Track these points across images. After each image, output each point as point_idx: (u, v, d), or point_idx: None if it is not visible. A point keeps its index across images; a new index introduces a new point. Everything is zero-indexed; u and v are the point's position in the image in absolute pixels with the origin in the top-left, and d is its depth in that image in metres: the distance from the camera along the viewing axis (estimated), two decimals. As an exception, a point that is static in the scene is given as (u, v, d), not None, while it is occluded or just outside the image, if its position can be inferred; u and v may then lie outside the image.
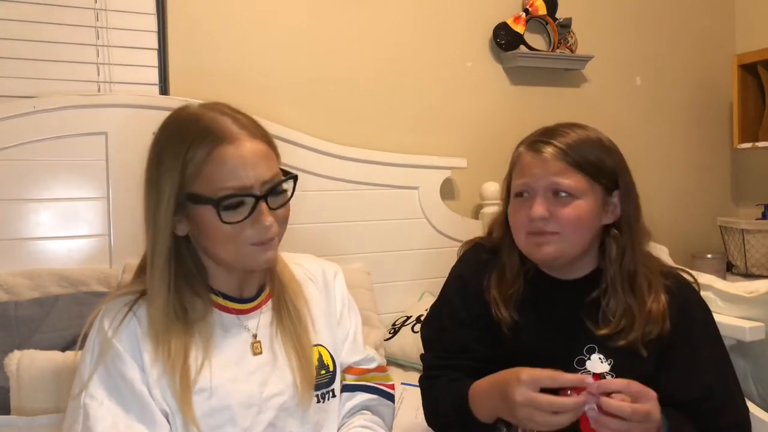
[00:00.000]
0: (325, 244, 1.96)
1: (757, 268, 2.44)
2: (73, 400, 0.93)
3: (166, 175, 0.92)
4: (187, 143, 0.92)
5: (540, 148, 1.08)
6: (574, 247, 1.08)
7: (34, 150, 1.64)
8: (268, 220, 0.94)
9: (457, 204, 2.23)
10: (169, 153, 0.93)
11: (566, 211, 1.06)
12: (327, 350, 1.08)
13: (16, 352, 1.37)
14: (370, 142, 2.09)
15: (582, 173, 1.06)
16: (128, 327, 0.93)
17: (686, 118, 2.69)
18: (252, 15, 1.98)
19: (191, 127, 0.94)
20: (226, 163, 0.92)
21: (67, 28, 1.77)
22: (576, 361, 1.08)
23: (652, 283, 1.10)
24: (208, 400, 0.93)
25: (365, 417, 1.11)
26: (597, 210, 1.08)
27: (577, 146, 1.07)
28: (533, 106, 2.35)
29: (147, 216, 0.95)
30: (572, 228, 1.06)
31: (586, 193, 1.07)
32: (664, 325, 1.07)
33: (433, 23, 2.22)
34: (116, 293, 0.99)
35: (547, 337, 1.10)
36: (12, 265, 1.59)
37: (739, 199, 2.78)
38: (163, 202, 0.92)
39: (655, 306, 1.07)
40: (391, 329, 1.94)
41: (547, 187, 1.07)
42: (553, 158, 1.06)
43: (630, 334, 1.06)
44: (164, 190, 0.92)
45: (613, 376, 1.05)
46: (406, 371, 1.81)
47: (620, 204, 1.10)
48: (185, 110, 0.99)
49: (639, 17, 2.58)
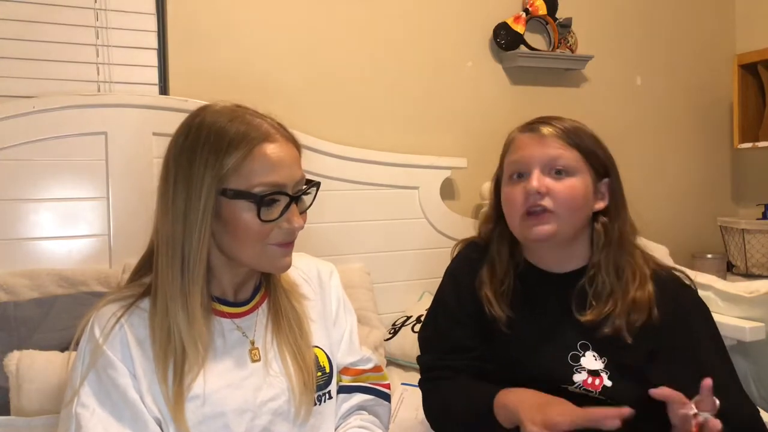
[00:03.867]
0: (325, 244, 1.96)
1: (757, 268, 2.44)
2: (65, 408, 0.92)
3: (201, 172, 0.91)
4: (227, 140, 0.92)
5: (537, 128, 1.11)
6: (568, 227, 1.09)
7: (33, 150, 1.64)
8: (297, 222, 0.96)
9: (457, 204, 2.23)
10: (204, 149, 0.92)
11: (562, 188, 1.07)
12: (323, 351, 1.08)
13: (16, 352, 1.37)
14: (370, 142, 2.09)
15: (578, 152, 1.09)
16: (119, 334, 0.92)
17: (686, 118, 2.68)
18: (252, 15, 1.97)
19: (232, 126, 0.93)
20: (266, 160, 0.92)
21: (66, 27, 1.77)
22: (570, 356, 1.08)
23: (636, 272, 1.10)
24: (202, 407, 0.92)
25: (362, 417, 1.10)
26: (589, 192, 1.10)
27: (575, 130, 1.11)
28: (533, 106, 2.35)
29: (174, 215, 0.92)
30: (567, 205, 1.07)
31: (581, 171, 1.09)
32: (651, 313, 1.07)
33: (433, 23, 2.22)
34: (107, 299, 0.97)
35: (541, 333, 1.11)
36: (12, 265, 1.59)
37: (740, 199, 2.78)
38: (200, 201, 0.90)
39: (640, 294, 1.08)
40: (391, 329, 1.94)
41: (546, 162, 1.08)
42: (551, 136, 1.09)
43: (615, 320, 1.06)
44: (200, 187, 0.91)
45: (608, 374, 1.05)
46: (406, 371, 1.81)
47: (608, 193, 1.13)
48: (217, 108, 0.97)
49: (639, 17, 2.58)
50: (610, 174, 1.13)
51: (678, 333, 1.08)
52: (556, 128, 1.10)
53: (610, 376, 1.05)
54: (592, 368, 1.06)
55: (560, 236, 1.09)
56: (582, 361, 1.07)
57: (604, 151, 1.14)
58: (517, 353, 1.11)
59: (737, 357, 1.70)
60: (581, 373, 1.06)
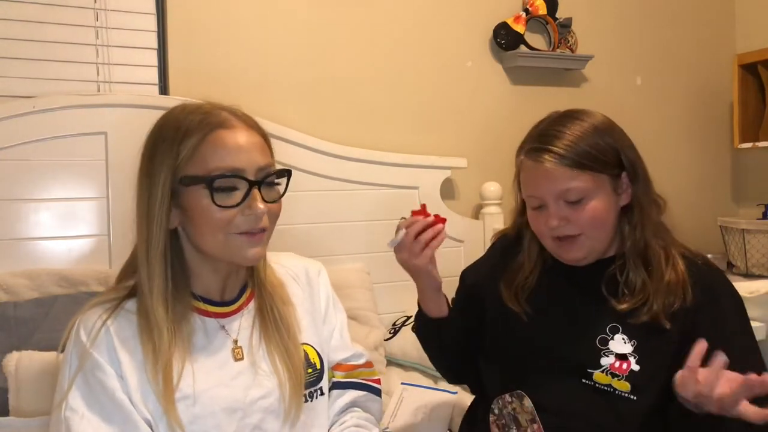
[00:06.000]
0: (325, 244, 1.96)
1: (757, 269, 2.43)
2: (54, 412, 0.91)
3: (159, 165, 0.92)
4: (182, 130, 0.92)
5: (538, 157, 1.07)
6: (601, 243, 1.10)
7: (33, 150, 1.64)
8: (260, 208, 0.92)
9: (457, 204, 2.23)
10: (163, 143, 0.93)
11: (582, 215, 1.07)
12: (313, 348, 1.07)
13: (15, 352, 1.37)
14: (370, 142, 2.09)
15: (585, 171, 1.06)
16: (105, 337, 0.92)
17: (686, 117, 2.68)
18: (252, 15, 1.97)
19: (188, 117, 0.94)
20: (220, 145, 0.92)
21: (66, 27, 1.77)
22: (599, 340, 1.08)
23: (668, 254, 1.10)
24: (192, 407, 0.92)
25: (357, 415, 1.11)
26: (611, 201, 1.09)
27: (574, 144, 1.06)
28: (533, 106, 2.34)
29: (140, 211, 0.95)
30: (592, 227, 1.08)
31: (596, 190, 1.07)
32: (686, 294, 1.06)
33: (433, 23, 2.22)
34: (92, 303, 0.97)
35: (569, 319, 1.12)
36: (11, 265, 1.58)
37: (740, 199, 2.78)
38: (157, 193, 0.92)
39: (673, 276, 1.08)
40: (391, 329, 1.94)
41: (557, 196, 1.07)
42: (553, 166, 1.06)
43: (652, 306, 1.06)
44: (158, 180, 0.92)
45: (636, 357, 1.05)
46: (406, 371, 1.81)
47: (630, 183, 1.11)
48: (180, 105, 0.99)
49: (639, 17, 2.58)
50: (625, 162, 1.10)
51: (708, 315, 1.07)
52: (557, 154, 1.06)
53: (638, 360, 1.05)
54: (620, 352, 1.06)
55: (594, 252, 1.11)
56: (610, 344, 1.07)
57: (611, 140, 1.09)
58: (542, 341, 1.13)
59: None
60: (609, 357, 1.06)
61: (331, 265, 1.96)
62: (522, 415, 1.12)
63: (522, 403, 1.12)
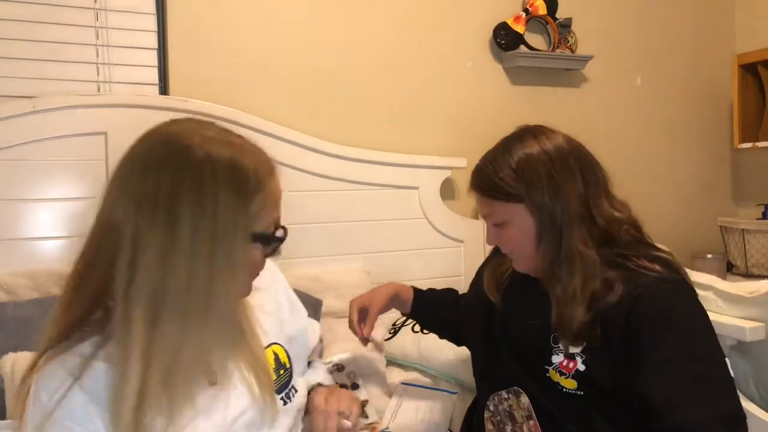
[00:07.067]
0: (324, 243, 1.96)
1: (757, 268, 2.43)
2: None
3: (229, 219, 0.81)
4: (252, 182, 0.83)
5: (471, 179, 1.18)
6: (535, 260, 1.13)
7: (33, 150, 1.64)
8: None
9: (457, 204, 2.23)
10: (226, 192, 0.81)
11: (504, 237, 1.14)
12: (281, 347, 1.03)
13: (11, 354, 1.36)
14: (370, 142, 2.09)
15: (502, 200, 1.11)
16: (75, 397, 0.79)
17: (686, 118, 2.68)
18: (252, 15, 1.97)
19: (243, 161, 0.83)
20: (278, 196, 0.87)
21: (67, 28, 1.77)
22: (552, 338, 1.11)
23: (589, 272, 1.07)
24: None
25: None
26: (531, 224, 1.10)
27: (489, 175, 1.12)
28: (533, 106, 2.35)
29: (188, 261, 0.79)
30: (517, 248, 1.15)
31: (512, 216, 1.12)
32: (616, 316, 1.03)
33: (433, 23, 2.22)
34: (49, 357, 0.83)
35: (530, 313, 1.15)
36: (12, 265, 1.59)
37: (740, 199, 2.78)
38: (232, 249, 0.81)
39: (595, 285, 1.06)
40: (391, 329, 1.93)
41: (485, 218, 1.17)
42: (477, 196, 1.16)
43: (572, 325, 1.06)
44: (229, 235, 0.81)
45: (583, 358, 1.06)
46: (406, 371, 1.81)
47: (535, 216, 1.10)
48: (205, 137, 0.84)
49: (639, 17, 2.58)
50: (530, 196, 1.09)
51: (638, 340, 1.02)
52: (474, 181, 1.16)
53: (584, 361, 1.06)
54: (569, 351, 1.08)
55: (536, 267, 1.14)
56: (561, 343, 1.09)
57: (522, 173, 1.09)
58: (510, 333, 1.19)
59: (737, 357, 1.70)
60: (559, 355, 1.09)
61: (331, 265, 1.98)
62: (518, 411, 1.13)
63: (518, 399, 1.13)
